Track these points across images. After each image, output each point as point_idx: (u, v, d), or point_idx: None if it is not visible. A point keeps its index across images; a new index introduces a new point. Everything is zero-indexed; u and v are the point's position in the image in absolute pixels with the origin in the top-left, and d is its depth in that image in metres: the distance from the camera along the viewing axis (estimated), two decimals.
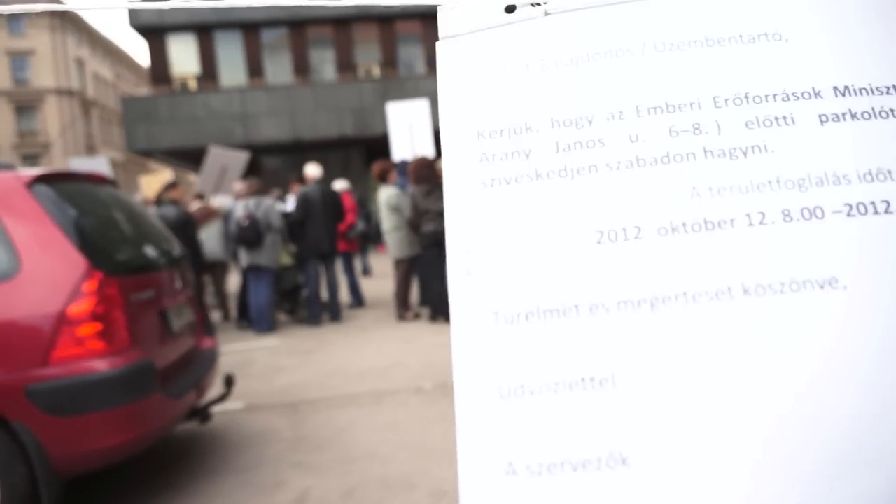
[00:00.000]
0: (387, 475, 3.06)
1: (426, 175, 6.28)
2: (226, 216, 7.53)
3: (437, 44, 0.51)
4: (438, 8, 0.52)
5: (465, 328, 0.43)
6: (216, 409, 3.75)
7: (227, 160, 9.26)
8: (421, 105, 8.36)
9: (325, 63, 20.39)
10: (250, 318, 7.01)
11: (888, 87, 0.45)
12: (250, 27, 20.19)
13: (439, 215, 6.18)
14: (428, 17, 21.05)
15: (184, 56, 19.93)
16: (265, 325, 6.82)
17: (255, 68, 20.02)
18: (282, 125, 18.41)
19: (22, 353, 2.55)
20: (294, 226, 6.95)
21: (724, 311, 0.40)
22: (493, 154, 0.47)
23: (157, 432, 2.89)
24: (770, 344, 0.40)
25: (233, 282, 8.33)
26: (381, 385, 4.53)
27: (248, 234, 6.58)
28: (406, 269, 6.74)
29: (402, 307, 6.80)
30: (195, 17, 19.88)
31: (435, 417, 3.78)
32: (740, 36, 0.47)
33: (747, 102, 0.45)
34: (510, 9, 0.51)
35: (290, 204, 7.43)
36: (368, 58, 20.49)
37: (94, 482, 3.22)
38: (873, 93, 0.44)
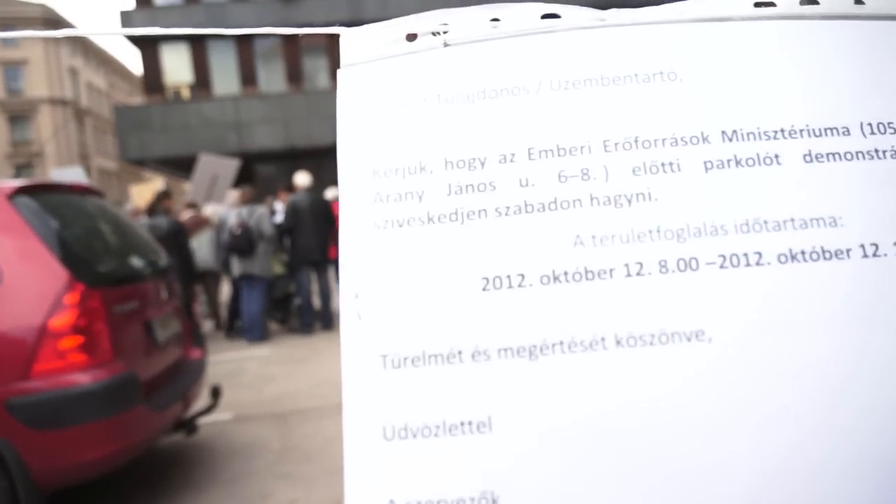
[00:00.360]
0: None
1: None
2: (218, 225, 7.51)
3: (339, 71, 0.50)
4: (340, 35, 0.51)
5: (354, 371, 0.44)
6: (204, 420, 3.73)
7: (217, 168, 9.25)
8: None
9: (318, 71, 20.43)
10: (240, 327, 6.98)
11: (776, 132, 0.45)
12: (243, 36, 20.20)
13: None
14: None
15: (177, 65, 19.95)
16: (257, 335, 6.80)
17: (248, 76, 20.05)
18: (275, 133, 18.42)
19: (3, 367, 2.52)
20: (284, 234, 6.93)
21: (597, 362, 0.41)
22: (387, 194, 0.47)
23: (140, 445, 2.86)
24: (639, 394, 0.41)
25: (225, 291, 8.31)
26: None
27: (241, 243, 6.56)
28: None
29: None
30: (188, 26, 19.86)
31: None
32: (636, 74, 0.47)
33: (636, 147, 0.45)
34: (411, 37, 0.50)
35: (279, 213, 7.41)
36: None
37: (78, 495, 3.19)
38: (760, 137, 0.45)
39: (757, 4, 0.49)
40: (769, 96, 0.46)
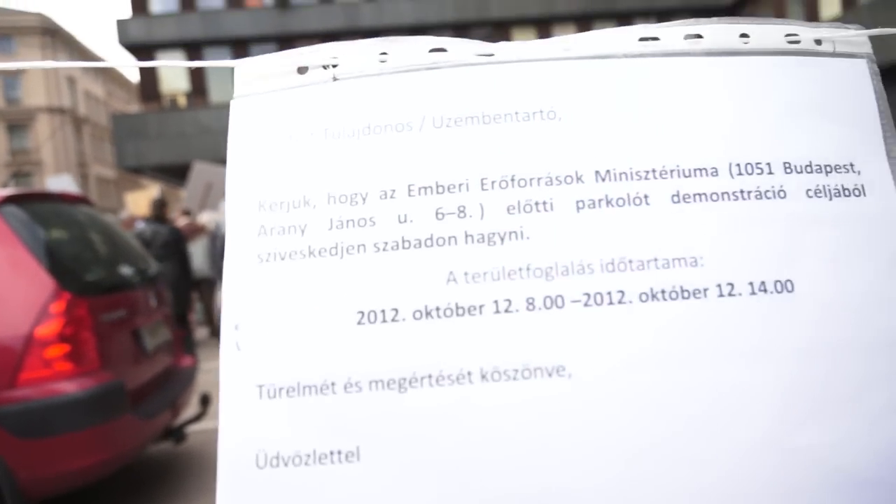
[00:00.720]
0: None
1: None
2: (213, 233, 7.51)
3: (231, 103, 0.50)
4: (235, 66, 0.51)
5: (231, 401, 0.45)
6: (193, 428, 3.73)
7: (211, 176, 9.26)
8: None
9: None
10: None
11: (647, 172, 0.47)
12: (239, 43, 20.27)
13: None
14: (416, 31, 21.21)
15: (173, 73, 19.99)
16: None
17: None
18: None
19: None
20: None
21: (463, 395, 0.43)
22: (271, 227, 0.48)
23: (128, 453, 2.86)
24: (502, 427, 0.42)
25: (220, 298, 8.29)
26: None
27: None
28: None
29: None
30: (184, 34, 19.96)
31: None
32: (516, 113, 0.48)
33: (512, 186, 0.47)
34: (302, 70, 0.51)
35: None
36: None
37: None
38: (632, 177, 0.47)
39: (642, 39, 0.50)
40: (644, 135, 0.48)
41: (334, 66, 0.50)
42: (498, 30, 21.60)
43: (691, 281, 0.44)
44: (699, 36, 0.50)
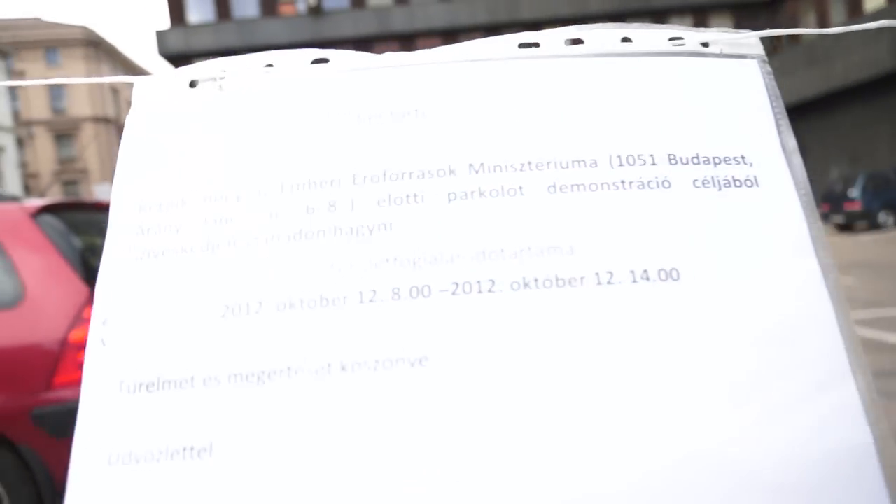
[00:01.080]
0: None
1: None
2: None
3: (127, 118, 0.52)
4: (135, 82, 0.53)
5: (91, 397, 0.44)
6: None
7: None
8: None
9: None
10: None
11: (523, 164, 0.46)
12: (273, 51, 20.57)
13: None
14: (447, 34, 21.27)
15: None
16: None
17: None
18: None
19: (28, 378, 2.64)
20: None
21: (322, 387, 0.42)
22: (149, 228, 0.48)
23: None
24: (360, 420, 0.41)
25: None
26: None
27: None
28: None
29: None
30: (220, 43, 20.38)
31: None
32: (391, 113, 0.49)
33: (384, 180, 0.47)
34: (193, 84, 0.52)
35: None
36: None
37: None
38: (506, 170, 0.46)
39: (521, 45, 0.50)
40: (522, 131, 0.48)
41: (222, 78, 0.52)
42: (530, 30, 21.51)
43: (566, 269, 0.44)
44: (580, 41, 0.50)
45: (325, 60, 0.51)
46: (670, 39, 0.51)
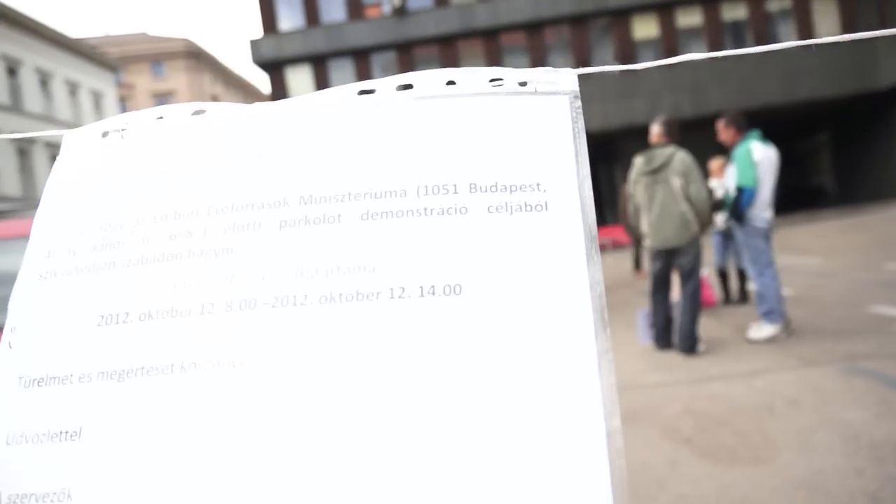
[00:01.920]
0: None
1: None
2: None
3: (53, 166, 0.63)
4: (64, 134, 0.65)
5: None
6: None
7: None
8: None
9: None
10: None
11: (343, 195, 0.54)
12: (360, 53, 21.07)
13: None
14: (532, 28, 21.01)
15: (301, 84, 21.12)
16: None
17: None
18: None
19: None
20: None
21: (167, 385, 0.51)
22: (53, 251, 0.59)
23: None
24: (189, 416, 0.50)
25: None
26: None
27: None
28: None
29: None
30: (310, 48, 21.02)
31: None
32: (244, 154, 0.58)
33: (231, 211, 0.55)
34: (105, 134, 0.63)
35: None
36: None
37: None
38: (329, 201, 0.54)
39: (361, 93, 0.58)
40: (347, 167, 0.55)
41: (124, 129, 0.62)
42: (617, 19, 20.95)
43: (366, 286, 0.51)
44: (410, 86, 0.57)
45: (202, 112, 0.61)
46: (491, 80, 0.57)
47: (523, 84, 0.57)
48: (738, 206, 4.71)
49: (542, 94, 0.56)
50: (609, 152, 20.63)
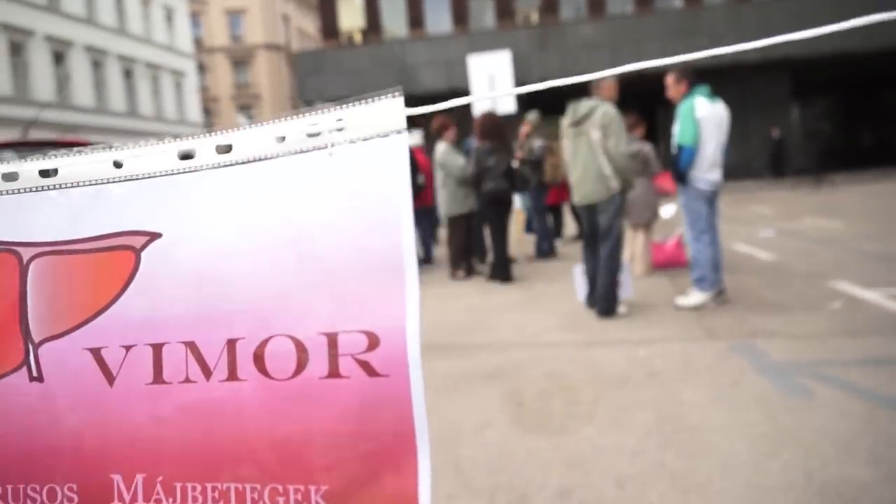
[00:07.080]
0: None
1: (492, 131, 6.07)
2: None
3: None
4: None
5: None
6: None
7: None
8: (503, 57, 7.96)
9: (484, 12, 20.14)
10: None
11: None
12: None
13: (501, 175, 5.96)
14: None
15: (351, 11, 20.82)
16: None
17: (416, 19, 20.35)
18: (438, 75, 18.66)
19: None
20: None
21: None
22: None
23: None
24: None
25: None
26: None
27: None
28: (455, 227, 6.60)
29: (452, 265, 6.70)
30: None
31: None
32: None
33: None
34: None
35: None
36: (528, 4, 19.88)
37: None
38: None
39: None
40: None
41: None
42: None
43: None
44: (190, 157, 0.62)
45: (54, 172, 0.66)
46: (308, 136, 0.59)
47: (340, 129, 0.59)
48: (676, 165, 4.45)
49: (369, 139, 0.59)
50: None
